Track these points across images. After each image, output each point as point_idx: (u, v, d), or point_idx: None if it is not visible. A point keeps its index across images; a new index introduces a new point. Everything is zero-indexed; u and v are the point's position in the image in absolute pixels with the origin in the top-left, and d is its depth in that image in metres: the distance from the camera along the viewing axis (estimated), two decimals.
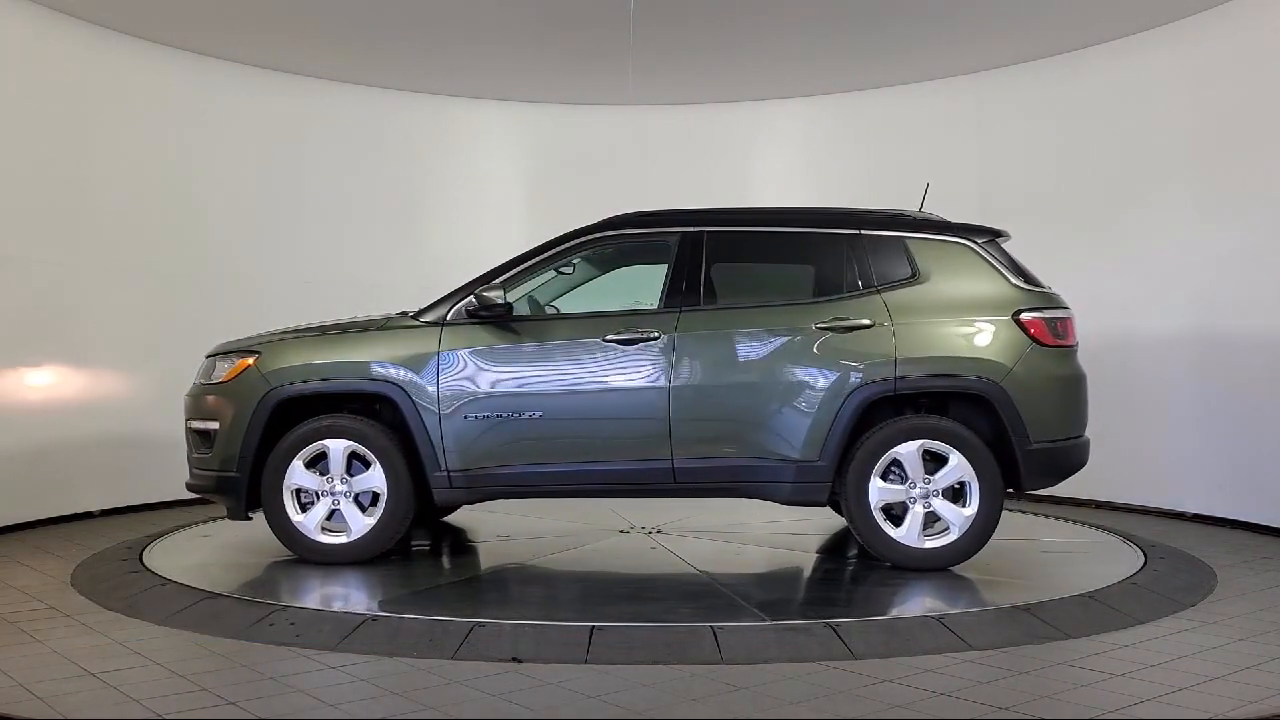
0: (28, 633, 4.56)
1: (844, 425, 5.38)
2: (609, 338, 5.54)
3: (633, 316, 5.62)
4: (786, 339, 5.49)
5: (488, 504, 7.26)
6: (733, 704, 3.65)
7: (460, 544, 6.62)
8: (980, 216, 6.19)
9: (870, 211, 5.87)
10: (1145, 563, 5.69)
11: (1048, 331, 5.50)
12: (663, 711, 3.59)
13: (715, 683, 3.87)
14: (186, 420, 5.94)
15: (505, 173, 10.03)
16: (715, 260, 5.71)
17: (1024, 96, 8.74)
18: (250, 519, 5.84)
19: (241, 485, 5.64)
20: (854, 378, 5.40)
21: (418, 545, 6.43)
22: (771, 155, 9.93)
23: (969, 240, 5.67)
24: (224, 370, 5.80)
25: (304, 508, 5.65)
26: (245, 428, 5.63)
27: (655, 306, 5.65)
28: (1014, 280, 5.59)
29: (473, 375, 5.56)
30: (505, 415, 5.52)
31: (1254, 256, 7.22)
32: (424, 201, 9.76)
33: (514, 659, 4.13)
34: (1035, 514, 7.60)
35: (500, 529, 6.95)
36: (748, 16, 7.75)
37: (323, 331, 5.86)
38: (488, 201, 9.85)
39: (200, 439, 5.83)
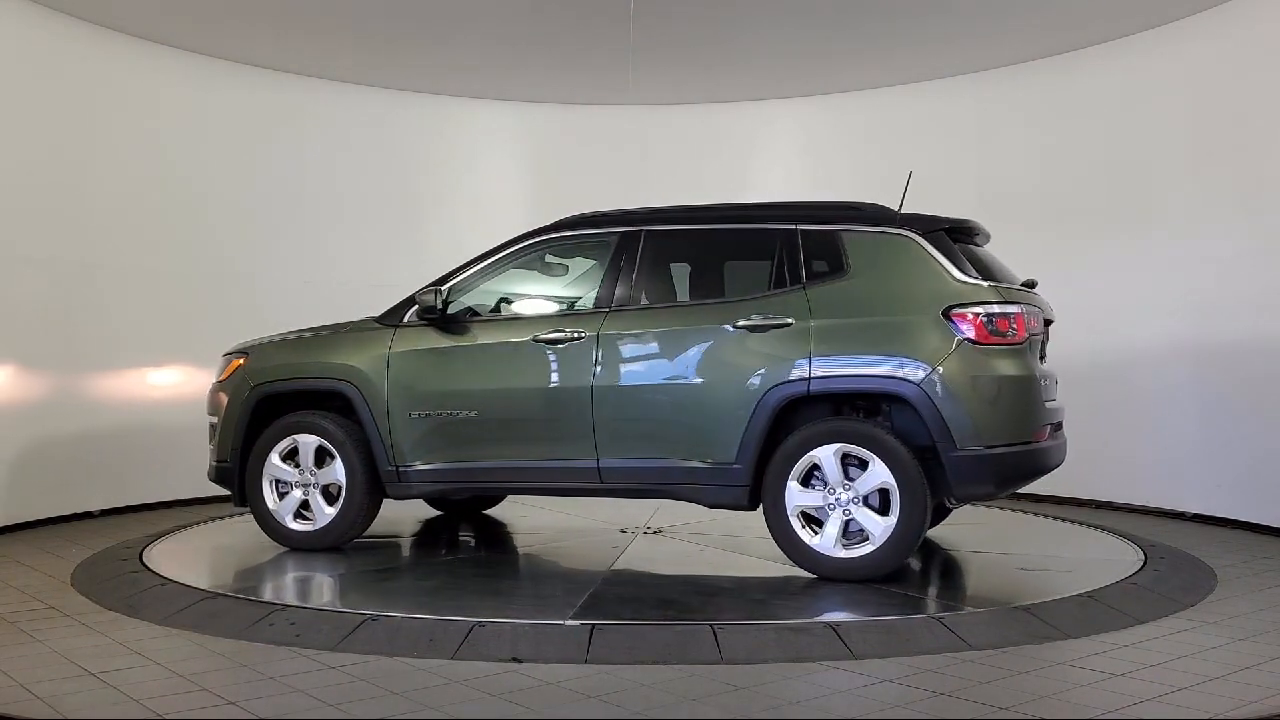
0: (28, 633, 4.56)
1: (759, 427, 5.18)
2: (538, 338, 5.59)
3: (564, 317, 5.68)
4: (706, 338, 5.35)
5: (521, 500, 7.60)
6: (733, 704, 3.65)
7: (477, 541, 6.69)
8: (979, 216, 6.14)
9: (808, 205, 5.64)
10: (1145, 563, 5.68)
11: (985, 328, 5.07)
12: (663, 711, 3.59)
13: (715, 683, 3.87)
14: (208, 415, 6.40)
15: (505, 173, 10.03)
16: (650, 259, 5.66)
17: (1024, 96, 8.74)
18: (247, 507, 6.15)
19: (234, 475, 6.07)
20: (769, 378, 5.19)
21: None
22: (771, 155, 9.93)
23: (910, 232, 5.33)
24: (225, 369, 6.28)
25: (282, 497, 6.02)
26: (235, 422, 6.07)
27: (589, 307, 5.68)
28: (956, 274, 5.19)
29: (416, 375, 5.77)
30: (444, 414, 5.70)
31: (1254, 257, 7.22)
32: (424, 201, 9.76)
33: (514, 659, 4.13)
34: (1035, 514, 7.60)
35: (517, 525, 7.07)
36: (748, 16, 7.75)
37: (314, 334, 6.20)
38: (488, 201, 9.85)
39: (211, 432, 6.29)
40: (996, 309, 5.11)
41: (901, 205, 5.68)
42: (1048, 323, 5.61)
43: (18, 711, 3.55)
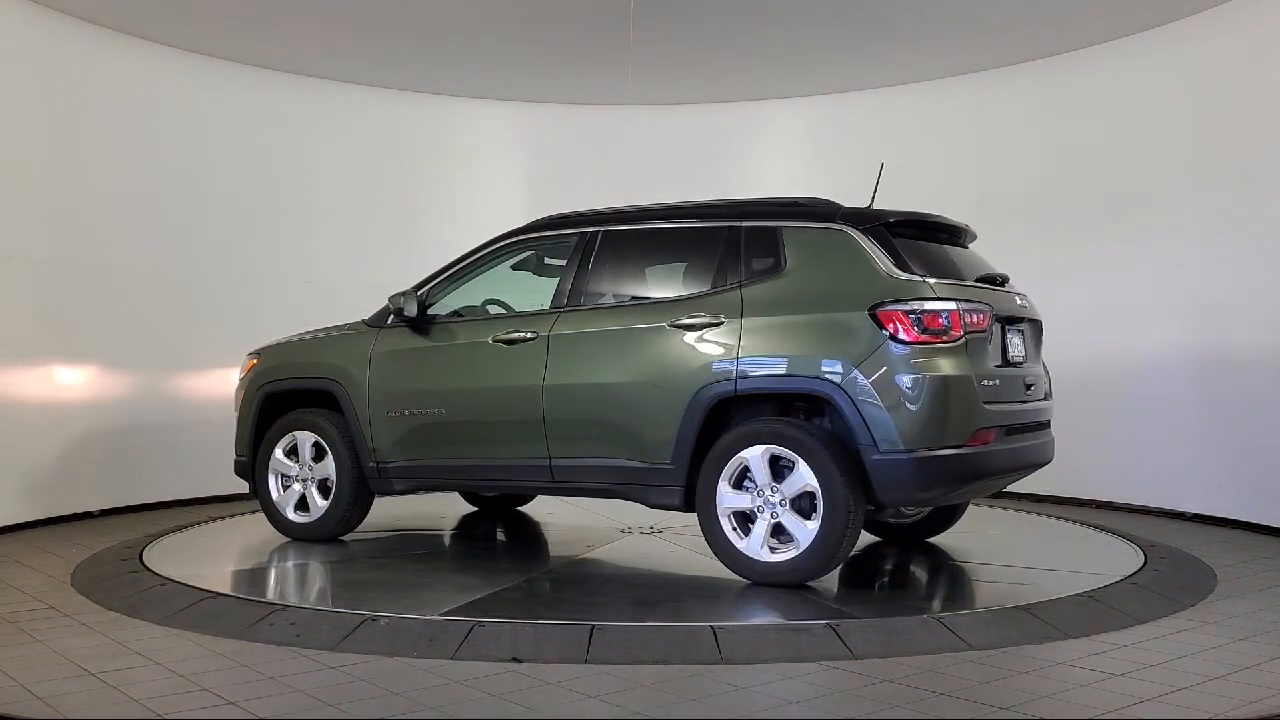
0: (28, 633, 4.56)
1: (691, 427, 5.12)
2: (496, 338, 5.70)
3: (521, 318, 5.77)
4: (646, 338, 5.32)
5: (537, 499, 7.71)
6: (733, 704, 3.65)
7: (488, 540, 6.80)
8: (979, 216, 6.12)
9: (754, 202, 5.54)
10: (1145, 563, 5.68)
11: (911, 327, 4.83)
12: (663, 711, 3.59)
13: (715, 683, 3.87)
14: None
15: (505, 173, 10.03)
16: (604, 260, 5.68)
17: (1024, 96, 8.74)
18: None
19: (248, 468, 6.47)
20: (700, 377, 5.12)
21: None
22: (771, 155, 9.93)
23: (849, 228, 5.14)
24: (244, 368, 6.68)
25: (286, 490, 6.38)
26: (248, 419, 6.48)
27: (546, 307, 5.74)
28: (890, 270, 4.97)
29: (393, 375, 6.00)
30: (417, 412, 5.90)
31: (1254, 256, 7.22)
32: (424, 201, 9.76)
33: (514, 659, 4.13)
34: (1035, 514, 7.60)
35: (526, 522, 7.19)
36: (747, 16, 7.75)
37: (325, 335, 6.44)
38: (488, 201, 9.84)
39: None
40: (928, 306, 4.88)
41: (873, 199, 5.58)
42: (1010, 320, 5.34)
43: (18, 711, 3.55)
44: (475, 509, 7.64)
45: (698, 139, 9.94)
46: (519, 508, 7.64)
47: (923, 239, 5.33)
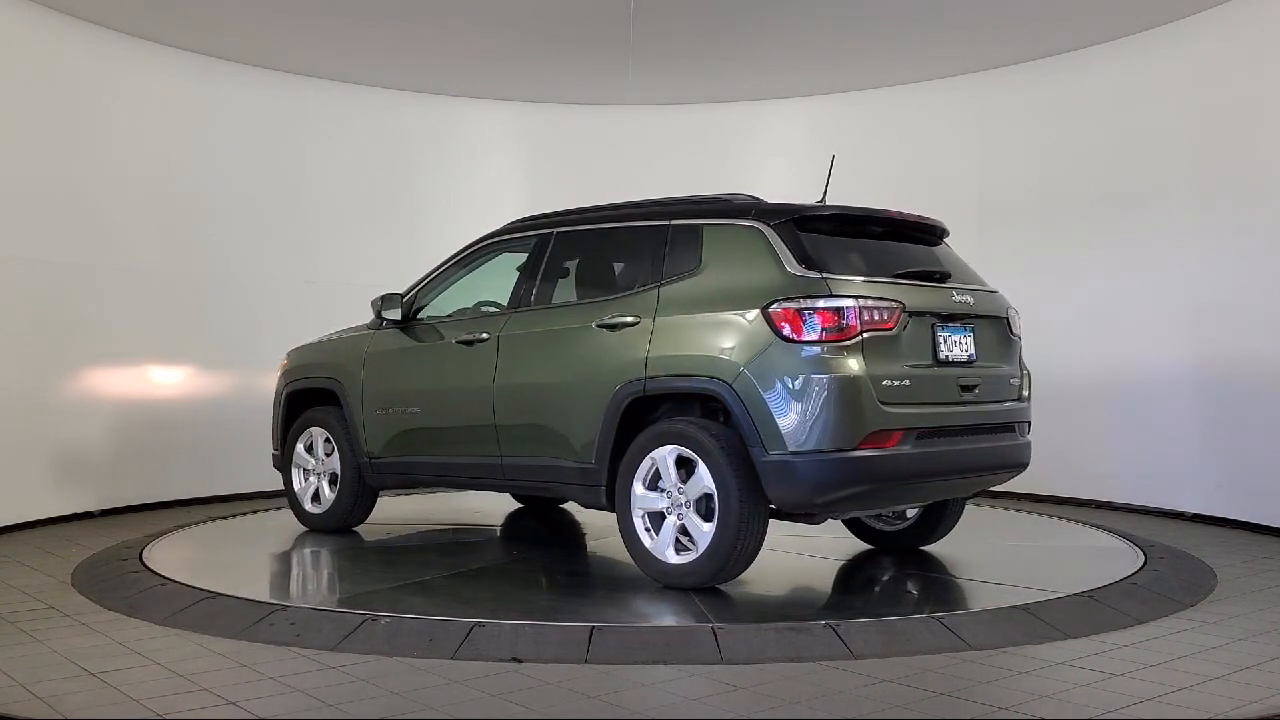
0: (28, 633, 4.56)
1: (610, 427, 5.14)
2: (459, 339, 5.86)
3: (478, 320, 5.92)
4: (575, 338, 5.38)
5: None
6: (733, 704, 3.65)
7: (495, 539, 6.86)
8: (979, 216, 6.12)
9: (686, 201, 5.49)
10: (1145, 563, 5.67)
11: (802, 325, 4.70)
12: (663, 711, 3.59)
13: (715, 683, 3.87)
14: None
15: (505, 173, 10.03)
16: (553, 261, 5.76)
17: (1024, 96, 8.74)
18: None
19: (280, 462, 6.85)
20: (617, 378, 5.13)
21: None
22: (771, 155, 9.91)
23: (760, 224, 5.03)
24: (279, 368, 7.00)
25: (306, 482, 6.72)
26: (278, 417, 6.86)
27: (503, 308, 5.87)
28: (791, 267, 4.84)
29: (381, 375, 6.27)
30: (398, 410, 6.15)
31: (1253, 256, 7.21)
32: (424, 201, 9.76)
33: (514, 659, 4.13)
34: (1034, 514, 7.60)
35: (525, 524, 7.24)
36: (747, 16, 7.75)
37: (333, 337, 6.74)
38: (488, 201, 9.83)
39: None
40: (820, 304, 4.71)
41: (825, 194, 5.55)
42: (947, 318, 5.12)
43: (18, 711, 3.55)
44: (520, 505, 7.72)
45: (698, 139, 9.94)
46: (560, 504, 7.61)
47: (849, 234, 5.17)
